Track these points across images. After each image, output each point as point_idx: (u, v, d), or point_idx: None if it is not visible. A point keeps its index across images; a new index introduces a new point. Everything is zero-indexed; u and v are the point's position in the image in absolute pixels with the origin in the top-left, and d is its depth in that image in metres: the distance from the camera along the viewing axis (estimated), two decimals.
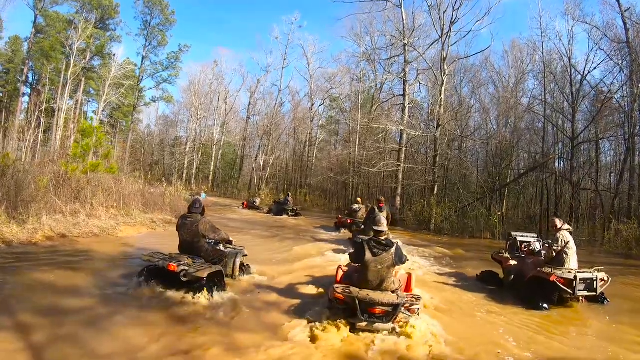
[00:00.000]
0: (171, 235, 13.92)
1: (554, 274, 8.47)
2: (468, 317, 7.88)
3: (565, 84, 28.44)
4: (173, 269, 7.17)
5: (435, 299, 8.71)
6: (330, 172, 41.22)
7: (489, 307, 8.62)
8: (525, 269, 9.64)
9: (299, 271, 10.60)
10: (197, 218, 8.10)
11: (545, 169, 28.94)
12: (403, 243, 14.56)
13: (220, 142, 56.28)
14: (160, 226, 16.72)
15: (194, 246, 8.05)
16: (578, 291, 8.43)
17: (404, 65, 29.96)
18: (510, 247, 11.07)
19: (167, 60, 53.52)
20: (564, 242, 9.06)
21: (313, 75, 50.05)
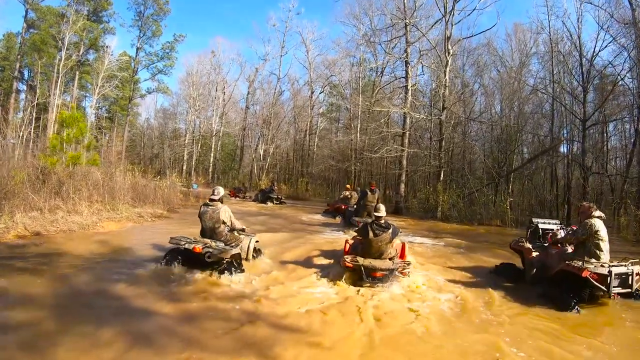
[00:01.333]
0: (154, 228, 13.93)
1: (586, 268, 7.30)
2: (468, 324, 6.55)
3: (574, 64, 27.10)
4: (198, 251, 8.06)
5: (440, 303, 7.51)
6: (331, 160, 40.29)
7: (504, 308, 7.34)
8: (549, 261, 8.55)
9: (303, 251, 11.46)
10: (218, 206, 8.94)
11: (555, 153, 27.87)
12: (407, 234, 14.31)
13: (219, 133, 55.14)
14: (148, 220, 16.10)
15: (214, 231, 8.87)
16: (613, 288, 7.33)
17: (405, 46, 28.45)
18: (531, 235, 9.76)
19: (162, 50, 51.97)
20: (592, 230, 7.71)
21: (312, 63, 48.96)
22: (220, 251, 8.30)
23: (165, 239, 11.00)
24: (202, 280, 7.92)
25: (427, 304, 7.33)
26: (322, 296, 7.51)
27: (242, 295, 7.20)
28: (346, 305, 7.11)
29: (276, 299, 7.12)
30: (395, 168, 30.22)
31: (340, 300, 7.36)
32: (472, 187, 25.89)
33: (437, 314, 6.90)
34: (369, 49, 37.18)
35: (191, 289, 7.41)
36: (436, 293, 8.01)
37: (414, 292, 8.00)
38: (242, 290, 7.52)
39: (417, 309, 7.06)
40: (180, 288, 7.42)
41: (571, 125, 29.62)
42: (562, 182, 28.93)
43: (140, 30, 50.14)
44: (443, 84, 26.31)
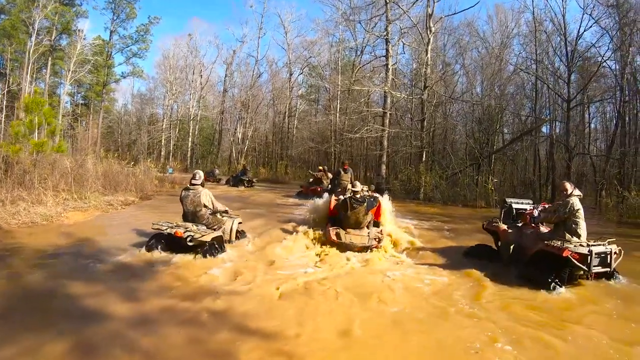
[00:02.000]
0: (122, 217, 13.64)
1: (566, 248, 7.15)
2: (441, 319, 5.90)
3: (558, 44, 26.86)
4: (180, 235, 8.09)
5: (418, 288, 7.21)
6: (311, 142, 39.53)
7: (487, 294, 6.91)
8: (525, 242, 8.35)
9: (277, 232, 11.41)
10: (199, 189, 9.02)
11: (538, 133, 27.60)
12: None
13: (197, 117, 54.22)
14: (117, 208, 15.34)
15: (196, 215, 8.97)
16: (593, 267, 7.20)
17: (386, 24, 27.66)
18: (505, 215, 9.48)
19: (137, 33, 50.42)
20: (574, 208, 7.57)
21: (291, 44, 48.05)
22: (201, 234, 8.33)
23: (131, 228, 10.47)
24: (168, 274, 7.32)
25: (401, 289, 7.09)
26: (296, 276, 7.41)
27: (210, 291, 6.54)
28: (323, 285, 7.02)
29: (248, 288, 6.74)
30: (376, 149, 29.45)
31: (318, 281, 7.25)
32: (455, 168, 25.45)
33: (414, 302, 6.48)
34: (348, 28, 36.33)
35: (155, 285, 6.73)
36: (414, 281, 7.59)
37: (395, 280, 7.58)
38: (213, 282, 6.98)
39: (392, 290, 6.97)
40: (142, 284, 6.72)
41: (554, 105, 29.56)
42: (544, 162, 28.86)
43: (114, 13, 48.61)
44: (425, 63, 25.61)
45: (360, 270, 8.21)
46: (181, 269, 7.56)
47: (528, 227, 8.60)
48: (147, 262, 7.90)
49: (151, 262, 7.93)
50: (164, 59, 55.87)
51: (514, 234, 8.69)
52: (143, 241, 9.12)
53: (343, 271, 8.04)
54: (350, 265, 8.44)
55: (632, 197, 17.77)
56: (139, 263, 7.88)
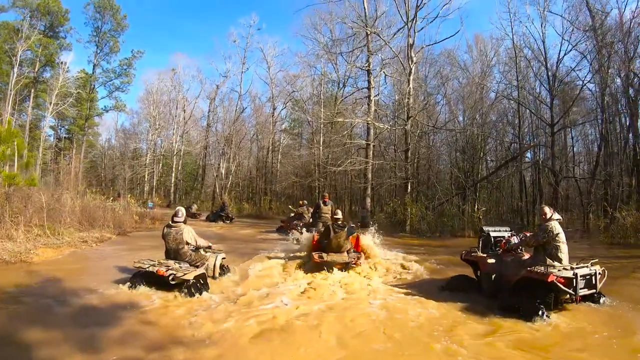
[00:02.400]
0: (95, 255, 12.99)
1: (550, 273, 6.92)
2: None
3: (539, 69, 26.88)
4: (162, 274, 7.95)
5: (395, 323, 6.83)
6: (295, 176, 38.89)
7: (457, 327, 6.55)
8: (506, 269, 8.09)
9: (266, 261, 12.23)
10: (181, 227, 8.91)
11: (523, 159, 27.36)
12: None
13: (180, 152, 53.41)
14: (92, 245, 14.53)
15: (178, 252, 8.81)
16: (579, 290, 7.05)
17: (367, 55, 27.54)
18: (484, 244, 9.04)
19: (120, 67, 50.50)
20: (552, 232, 7.51)
21: (274, 79, 47.61)
22: (183, 273, 8.24)
23: (101, 267, 9.87)
24: (135, 318, 6.72)
25: (384, 324, 6.78)
26: (276, 313, 7.14)
27: (179, 339, 5.92)
28: (305, 322, 6.82)
29: (224, 330, 6.31)
30: (360, 182, 28.94)
31: (300, 317, 7.03)
32: (441, 198, 24.98)
33: (399, 339, 6.13)
34: (329, 61, 36.08)
35: (119, 333, 6.10)
36: (398, 314, 7.33)
37: (378, 315, 7.27)
38: (184, 328, 6.39)
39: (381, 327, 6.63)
40: (105, 331, 6.08)
41: (537, 131, 29.44)
42: (529, 188, 28.61)
43: (97, 46, 48.91)
44: (407, 93, 25.26)
45: (343, 303, 8.01)
46: (151, 313, 7.01)
47: (508, 254, 8.36)
48: (114, 304, 7.34)
49: (119, 304, 7.35)
50: (147, 94, 55.58)
51: (495, 262, 8.37)
52: (112, 281, 8.79)
53: (326, 305, 7.79)
54: (334, 298, 8.40)
55: (622, 218, 17.59)
56: (105, 305, 7.32)
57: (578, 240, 18.33)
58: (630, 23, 22.30)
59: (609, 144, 24.08)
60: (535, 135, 29.54)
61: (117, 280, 8.90)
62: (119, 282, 8.68)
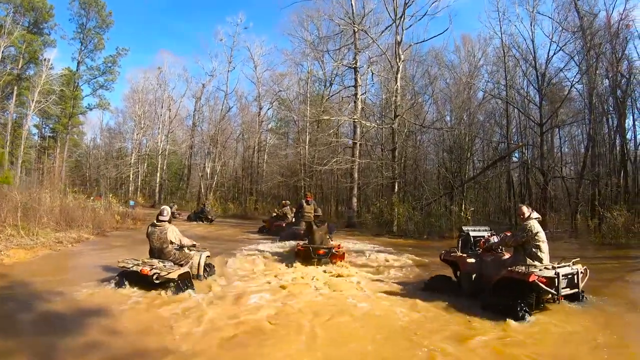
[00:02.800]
0: (69, 257, 12.35)
1: (532, 273, 6.77)
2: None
3: (527, 68, 26.52)
4: (146, 273, 7.86)
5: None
6: (280, 176, 38.22)
7: (438, 330, 6.34)
8: (486, 269, 7.96)
9: (249, 260, 12.31)
10: (165, 226, 8.82)
11: (510, 159, 27.15)
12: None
13: (165, 152, 52.66)
14: (67, 246, 13.86)
15: (163, 251, 8.73)
16: (562, 290, 6.96)
17: (354, 53, 27.10)
18: (463, 244, 8.81)
19: (104, 64, 48.92)
20: (531, 232, 7.34)
21: (260, 78, 46.92)
22: (167, 272, 8.19)
23: (74, 270, 9.48)
24: (101, 325, 6.15)
25: (366, 324, 6.71)
26: (257, 312, 7.12)
27: (146, 350, 5.42)
28: (285, 319, 6.81)
29: (201, 332, 6.08)
30: (346, 182, 28.52)
31: (281, 314, 7.04)
32: (429, 198, 24.52)
33: (383, 340, 5.95)
34: (316, 60, 35.52)
35: (81, 342, 5.51)
36: (382, 314, 7.25)
37: (360, 313, 7.26)
38: (152, 335, 5.92)
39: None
40: (66, 340, 5.52)
41: (525, 131, 29.17)
42: (517, 188, 28.54)
43: (82, 43, 47.32)
44: (394, 91, 24.74)
45: (324, 302, 7.94)
46: (120, 319, 6.46)
47: (488, 254, 8.19)
48: (82, 309, 6.86)
49: (87, 309, 6.86)
50: (133, 92, 55.02)
51: (474, 262, 8.22)
52: (83, 284, 8.37)
53: (306, 304, 7.74)
54: (314, 297, 8.38)
55: (613, 218, 17.38)
56: (72, 311, 6.84)
57: (568, 241, 18.27)
58: (618, 25, 22.39)
59: (596, 144, 23.92)
60: (523, 136, 29.25)
61: (88, 283, 8.45)
62: (90, 286, 8.29)
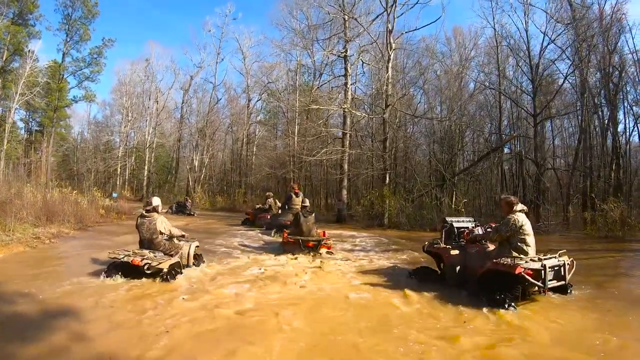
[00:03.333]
0: (45, 253, 11.28)
1: (518, 265, 6.60)
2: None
3: (522, 57, 25.99)
4: (137, 264, 7.95)
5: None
6: (269, 168, 37.49)
7: (422, 323, 6.15)
8: (471, 261, 7.81)
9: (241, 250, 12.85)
10: (154, 216, 8.89)
11: (502, 151, 26.78)
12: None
13: (153, 145, 51.79)
14: (45, 242, 13.03)
15: (152, 242, 8.80)
16: (549, 282, 6.83)
17: (345, 40, 26.37)
18: (447, 235, 8.65)
19: (90, 56, 47.97)
20: (516, 225, 7.14)
21: (249, 70, 46.17)
22: (158, 262, 8.28)
23: (47, 267, 9.24)
24: (69, 330, 5.49)
25: (353, 314, 6.65)
26: (235, 307, 6.79)
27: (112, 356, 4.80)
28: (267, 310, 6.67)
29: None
30: (336, 173, 27.82)
31: (262, 306, 6.88)
32: (421, 190, 24.00)
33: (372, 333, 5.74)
34: (306, 50, 34.81)
35: (43, 349, 4.87)
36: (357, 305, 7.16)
37: (347, 302, 7.29)
38: (121, 339, 5.36)
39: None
40: (27, 347, 4.89)
41: (518, 122, 28.71)
42: (509, 180, 28.13)
43: (67, 34, 46.11)
44: (386, 79, 24.01)
45: (310, 292, 7.95)
46: (91, 322, 5.81)
47: (472, 246, 8.03)
48: (47, 312, 6.21)
49: (53, 312, 6.22)
50: (120, 84, 54.46)
51: (459, 254, 8.07)
52: (53, 284, 7.74)
53: (291, 293, 7.85)
54: (302, 285, 8.44)
55: (609, 210, 17.08)
56: (36, 313, 6.21)
57: (564, 234, 17.89)
58: (611, 18, 22.17)
59: (589, 136, 23.60)
60: (515, 127, 28.67)
61: (61, 283, 7.83)
62: (62, 285, 7.67)
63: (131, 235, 11.88)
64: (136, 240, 9.15)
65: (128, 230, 15.84)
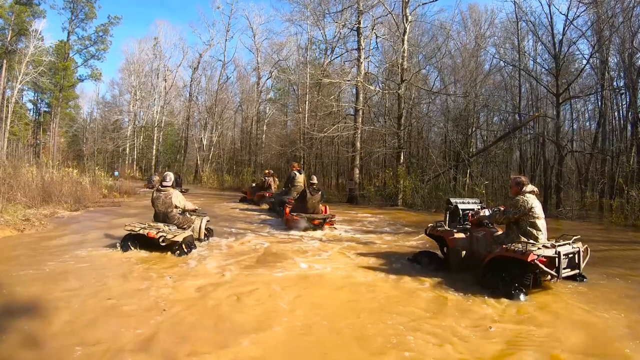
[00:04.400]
0: (33, 240, 9.94)
1: (530, 252, 5.95)
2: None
3: (542, 34, 24.36)
4: (152, 236, 8.21)
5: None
6: (280, 146, 36.38)
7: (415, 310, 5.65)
8: (478, 246, 7.23)
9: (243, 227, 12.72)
10: (170, 191, 9.15)
11: (526, 130, 25.44)
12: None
13: (161, 124, 51.31)
14: (36, 224, 11.84)
15: (167, 215, 9.06)
16: (563, 271, 6.16)
17: (357, 13, 24.73)
18: (451, 217, 8.03)
19: (95, 34, 47.71)
20: (525, 207, 6.55)
21: (259, 48, 45.06)
22: (173, 234, 8.45)
23: (31, 255, 8.12)
24: (29, 327, 4.62)
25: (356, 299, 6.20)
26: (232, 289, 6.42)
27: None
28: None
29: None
30: (348, 151, 26.75)
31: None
32: (437, 169, 22.83)
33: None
34: (316, 26, 33.41)
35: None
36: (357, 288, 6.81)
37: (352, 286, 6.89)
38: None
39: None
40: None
41: (538, 102, 27.28)
42: (527, 162, 27.00)
43: (73, 13, 45.83)
44: (401, 52, 22.67)
45: (311, 273, 7.59)
46: (65, 321, 4.87)
47: (479, 229, 7.49)
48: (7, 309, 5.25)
49: (17, 307, 5.28)
50: (128, 63, 53.71)
51: (464, 238, 7.47)
52: (25, 273, 6.76)
53: (289, 275, 7.42)
54: (299, 267, 8.03)
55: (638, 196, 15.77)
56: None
57: (588, 220, 16.82)
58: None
59: (606, 121, 22.76)
60: (534, 108, 27.30)
61: (32, 273, 6.81)
62: (34, 278, 6.59)
63: (127, 218, 11.84)
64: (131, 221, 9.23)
65: (125, 212, 15.59)
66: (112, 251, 8.44)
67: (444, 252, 8.03)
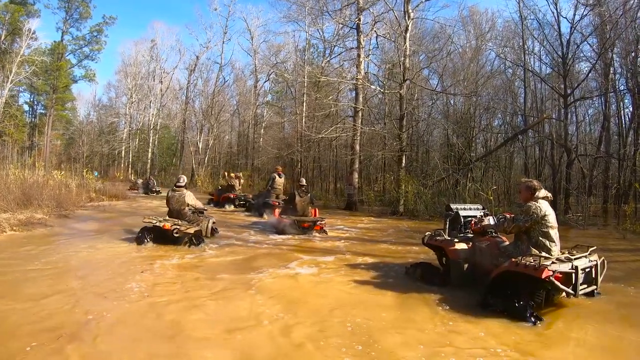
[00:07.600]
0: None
1: (544, 267, 5.16)
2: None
3: (550, 33, 23.78)
4: (167, 228, 9.36)
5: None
6: (275, 149, 35.51)
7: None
8: (482, 259, 6.45)
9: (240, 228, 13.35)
10: (184, 191, 10.40)
11: (532, 133, 24.78)
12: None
13: (157, 127, 50.94)
14: (6, 231, 10.80)
15: (180, 212, 10.26)
16: (580, 288, 5.42)
17: (357, 9, 23.73)
18: (451, 225, 7.45)
19: (90, 33, 47.35)
20: (538, 214, 5.73)
21: (257, 50, 44.68)
22: (186, 227, 9.63)
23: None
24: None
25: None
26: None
27: None
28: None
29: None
30: (346, 154, 25.79)
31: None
32: (441, 173, 21.91)
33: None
34: (315, 27, 32.74)
35: None
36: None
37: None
38: None
39: None
40: None
41: (543, 104, 26.90)
42: (532, 166, 26.27)
43: (67, 12, 45.45)
44: (403, 51, 21.70)
45: (299, 279, 7.52)
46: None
47: (482, 238, 6.72)
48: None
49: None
50: (124, 66, 53.63)
51: (467, 249, 6.83)
52: None
53: (279, 279, 7.41)
54: (291, 271, 8.06)
55: None
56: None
57: (602, 227, 16.00)
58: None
59: (609, 124, 22.68)
60: (539, 110, 26.68)
61: None
62: None
63: (104, 224, 12.41)
64: (110, 230, 10.78)
65: (105, 215, 15.58)
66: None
67: (444, 263, 7.38)
